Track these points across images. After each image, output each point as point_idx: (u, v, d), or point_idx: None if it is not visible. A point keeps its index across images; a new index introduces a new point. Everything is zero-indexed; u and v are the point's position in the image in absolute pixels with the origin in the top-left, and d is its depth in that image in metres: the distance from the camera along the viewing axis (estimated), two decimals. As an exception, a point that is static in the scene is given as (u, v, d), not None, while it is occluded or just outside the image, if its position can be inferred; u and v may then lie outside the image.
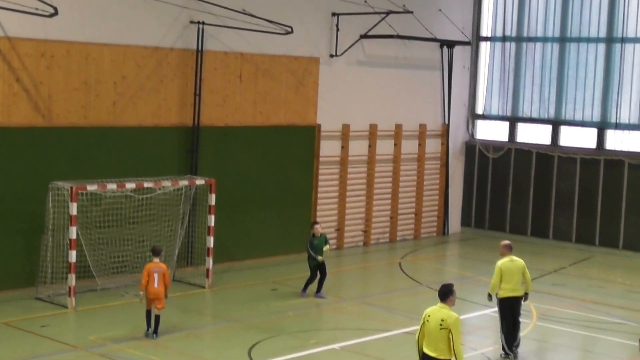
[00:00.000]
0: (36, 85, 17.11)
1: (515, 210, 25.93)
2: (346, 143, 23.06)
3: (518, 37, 25.85)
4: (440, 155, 25.81)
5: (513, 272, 14.07)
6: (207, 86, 19.74)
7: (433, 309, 10.50)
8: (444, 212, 26.04)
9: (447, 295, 10.47)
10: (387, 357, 14.09)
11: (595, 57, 24.49)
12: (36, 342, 14.28)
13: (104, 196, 17.22)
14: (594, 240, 24.55)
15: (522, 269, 14.20)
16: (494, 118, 26.46)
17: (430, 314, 10.45)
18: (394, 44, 23.78)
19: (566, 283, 20.21)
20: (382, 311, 17.14)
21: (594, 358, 15.02)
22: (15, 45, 16.77)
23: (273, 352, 14.11)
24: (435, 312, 10.44)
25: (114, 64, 18.17)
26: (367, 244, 23.87)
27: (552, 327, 16.36)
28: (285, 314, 16.55)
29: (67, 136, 17.64)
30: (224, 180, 19.44)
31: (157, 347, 14.16)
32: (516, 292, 14.11)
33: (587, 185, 24.61)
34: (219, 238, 18.66)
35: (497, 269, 14.14)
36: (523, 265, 14.26)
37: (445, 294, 10.48)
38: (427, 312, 10.54)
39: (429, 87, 25.24)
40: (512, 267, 14.13)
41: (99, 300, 16.89)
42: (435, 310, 10.46)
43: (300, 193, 21.99)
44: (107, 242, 17.62)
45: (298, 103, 21.74)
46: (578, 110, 24.85)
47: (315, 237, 17.93)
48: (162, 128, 19.13)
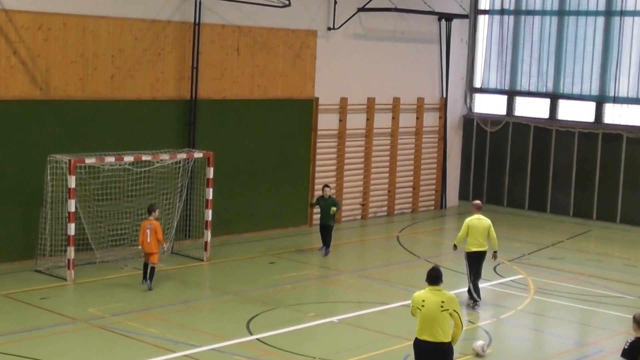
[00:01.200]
0: (33, 58, 17.03)
1: (513, 184, 25.96)
2: (344, 116, 23.03)
3: (516, 10, 25.74)
4: (438, 128, 25.79)
5: (479, 229, 15.47)
6: (204, 59, 19.66)
7: (425, 294, 10.00)
8: (441, 186, 26.07)
9: (439, 278, 10.04)
10: (385, 330, 14.16)
11: (594, 30, 24.41)
12: (36, 314, 14.33)
13: (102, 169, 17.20)
14: (591, 214, 24.60)
15: (487, 227, 15.55)
16: (492, 92, 26.42)
17: (425, 299, 9.93)
18: (392, 17, 23.68)
19: (564, 257, 20.29)
20: (380, 284, 17.21)
21: (592, 331, 15.11)
22: (12, 17, 16.67)
23: (271, 325, 14.17)
24: (429, 296, 9.93)
25: (111, 36, 18.09)
26: (365, 217, 23.91)
27: (550, 300, 16.44)
28: (284, 286, 16.61)
29: (64, 109, 17.60)
30: (222, 154, 19.43)
31: (155, 319, 14.23)
32: (481, 247, 15.51)
33: (585, 159, 24.63)
34: (217, 211, 18.68)
35: (465, 225, 15.63)
36: (489, 225, 15.60)
37: (437, 278, 10.03)
38: (418, 298, 10.00)
39: (427, 60, 25.16)
40: (478, 224, 15.52)
41: (97, 272, 16.93)
42: (429, 294, 9.94)
43: (298, 166, 21.99)
44: (106, 215, 17.63)
45: (296, 76, 21.68)
46: (576, 84, 24.81)
47: (323, 199, 19.06)
48: (160, 101, 19.08)
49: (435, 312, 9.88)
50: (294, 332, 13.94)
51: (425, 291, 10.05)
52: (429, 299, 9.95)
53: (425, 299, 9.96)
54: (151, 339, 13.21)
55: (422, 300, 9.96)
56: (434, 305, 9.90)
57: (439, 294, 9.98)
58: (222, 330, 13.89)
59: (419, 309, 9.95)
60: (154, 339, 13.22)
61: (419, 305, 9.97)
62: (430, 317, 9.89)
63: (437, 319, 9.88)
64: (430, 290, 10.02)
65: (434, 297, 9.95)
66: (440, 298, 9.94)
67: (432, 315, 9.88)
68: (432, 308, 9.89)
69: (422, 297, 10.01)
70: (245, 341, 13.33)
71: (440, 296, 9.96)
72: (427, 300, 9.94)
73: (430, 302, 9.92)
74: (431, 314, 9.89)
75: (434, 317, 9.88)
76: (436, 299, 9.93)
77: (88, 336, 13.43)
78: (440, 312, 9.87)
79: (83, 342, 13.21)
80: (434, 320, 9.88)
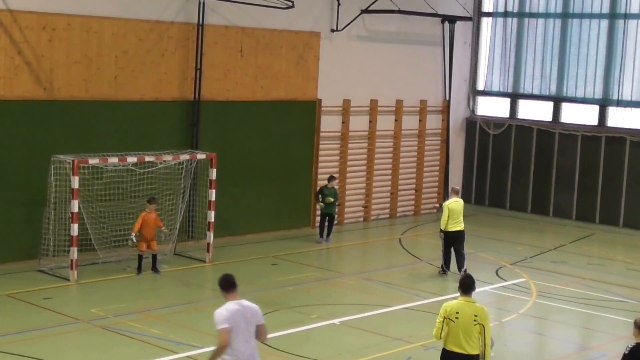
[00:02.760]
0: (38, 58, 17.06)
1: (516, 187, 25.96)
2: (347, 118, 23.03)
3: (520, 12, 25.73)
4: (441, 131, 25.79)
5: (457, 210, 17.56)
6: (207, 60, 19.67)
7: (459, 305, 9.70)
8: (444, 188, 26.06)
9: (472, 287, 9.82)
10: (387, 333, 14.17)
11: (598, 33, 24.39)
12: (39, 314, 14.35)
13: (105, 170, 17.22)
14: (594, 217, 24.59)
15: (462, 206, 17.76)
16: (495, 94, 26.42)
17: (459, 311, 9.65)
18: (395, 19, 23.69)
19: (566, 260, 20.27)
20: (382, 287, 17.21)
21: (594, 335, 15.11)
22: (16, 17, 16.70)
23: (273, 326, 14.11)
24: (463, 308, 9.67)
25: (115, 37, 18.11)
26: (367, 219, 23.91)
27: (552, 304, 16.44)
28: (286, 288, 16.62)
29: (68, 109, 17.62)
30: (224, 155, 19.45)
31: (157, 320, 14.24)
32: (459, 226, 17.62)
33: (588, 163, 24.61)
34: (219, 212, 18.70)
35: (446, 208, 17.53)
36: (462, 204, 17.88)
37: (470, 286, 9.81)
38: (451, 309, 9.70)
39: (430, 62, 25.17)
40: (456, 206, 17.59)
41: (100, 273, 16.96)
42: (463, 306, 9.69)
43: (300, 168, 22.00)
44: (109, 216, 17.66)
45: (299, 78, 21.69)
46: (580, 87, 24.80)
47: (327, 188, 20.59)
48: (163, 102, 19.10)
49: (468, 325, 9.68)
50: (296, 334, 13.95)
51: (458, 302, 9.79)
52: (463, 311, 9.71)
53: (460, 310, 9.70)
54: (153, 339, 13.23)
55: (456, 312, 9.69)
56: (468, 319, 9.68)
57: (472, 307, 9.75)
58: (224, 331, 13.86)
59: (452, 321, 9.69)
60: (156, 339, 13.24)
61: (453, 316, 9.69)
62: (462, 329, 9.69)
63: (469, 332, 9.68)
64: (464, 302, 9.77)
65: (468, 309, 9.72)
66: (474, 311, 9.72)
67: (465, 328, 9.68)
68: (466, 321, 9.68)
69: (456, 308, 9.73)
70: (248, 343, 13.32)
71: (473, 309, 9.73)
72: (461, 313, 9.69)
73: (465, 315, 9.69)
74: (464, 327, 9.69)
75: (465, 329, 9.68)
76: (470, 312, 9.70)
77: (90, 336, 13.45)
78: (473, 325, 9.68)
79: (85, 342, 13.23)
80: (465, 333, 9.69)
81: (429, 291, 16.87)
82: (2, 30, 16.54)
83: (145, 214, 16.93)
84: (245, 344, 8.81)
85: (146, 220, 16.89)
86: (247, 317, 8.91)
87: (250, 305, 9.03)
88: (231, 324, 8.74)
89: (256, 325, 8.96)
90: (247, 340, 8.85)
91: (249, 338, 8.88)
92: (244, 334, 8.83)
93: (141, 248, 16.99)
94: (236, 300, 9.01)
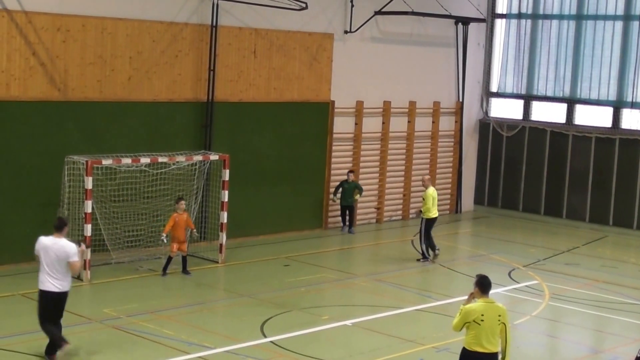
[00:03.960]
0: (52, 59, 17.16)
1: (529, 188, 25.88)
2: (360, 120, 23.04)
3: (534, 14, 25.66)
4: (454, 133, 25.76)
5: (436, 198, 19.21)
6: (221, 61, 19.73)
7: (482, 307, 9.78)
8: (457, 190, 26.04)
9: (490, 286, 9.94)
10: (399, 334, 14.16)
11: (612, 35, 24.28)
12: (51, 314, 14.39)
13: (118, 171, 17.31)
14: (607, 220, 24.48)
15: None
16: (509, 96, 26.35)
17: (484, 313, 9.75)
18: (409, 21, 23.68)
19: (579, 263, 20.21)
20: (394, 288, 17.21)
21: (607, 338, 15.05)
22: (31, 19, 16.80)
23: (285, 327, 14.21)
24: (488, 309, 9.78)
25: (129, 38, 18.19)
26: (379, 221, 23.91)
27: (565, 306, 16.39)
28: (298, 289, 16.64)
29: (82, 110, 17.71)
30: (237, 156, 19.50)
31: (170, 320, 14.29)
32: (437, 212, 19.34)
33: (602, 165, 24.51)
34: (232, 213, 18.74)
35: (430, 196, 19.00)
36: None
37: (489, 286, 9.92)
38: (476, 312, 9.77)
39: (443, 64, 25.15)
40: (435, 194, 19.31)
41: (113, 273, 17.03)
42: (486, 307, 9.80)
43: (313, 169, 22.02)
44: (122, 217, 17.74)
45: (312, 79, 21.72)
46: (594, 89, 24.69)
47: (347, 182, 21.72)
48: (176, 103, 19.17)
49: (493, 325, 9.80)
50: (308, 335, 13.97)
51: (480, 304, 9.85)
52: (487, 312, 9.80)
53: (485, 312, 9.79)
54: (165, 340, 13.28)
55: (482, 314, 9.77)
56: (493, 319, 9.80)
57: (494, 307, 9.88)
58: (236, 332, 13.94)
59: (478, 323, 9.75)
60: (169, 340, 13.29)
61: (478, 319, 9.76)
62: (488, 330, 9.78)
63: (493, 332, 9.82)
64: (486, 303, 9.87)
65: (491, 310, 9.84)
66: (497, 312, 9.86)
67: (490, 328, 9.79)
68: (492, 322, 9.79)
69: (480, 310, 9.80)
70: (259, 343, 13.37)
71: (496, 309, 9.87)
72: (486, 314, 9.78)
73: (490, 316, 9.79)
74: (490, 328, 9.78)
75: (491, 330, 9.79)
76: (494, 313, 9.83)
77: (103, 336, 13.52)
78: (497, 325, 9.83)
79: (98, 342, 13.28)
80: (490, 333, 9.80)
81: (440, 293, 16.86)
82: (17, 32, 16.65)
83: (176, 215, 16.91)
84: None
85: (177, 222, 16.87)
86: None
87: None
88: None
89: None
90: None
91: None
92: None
93: (172, 250, 17.00)
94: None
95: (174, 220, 16.88)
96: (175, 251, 17.01)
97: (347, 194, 21.91)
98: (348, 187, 21.86)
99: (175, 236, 16.93)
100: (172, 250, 17.02)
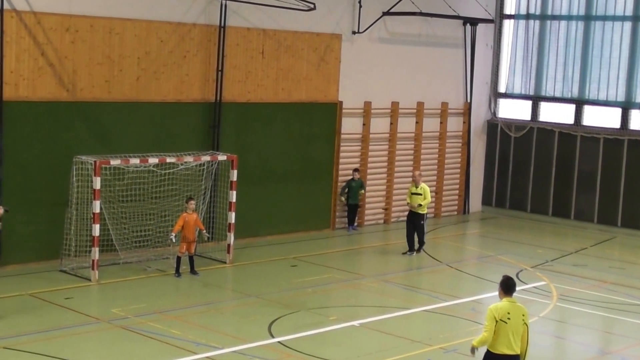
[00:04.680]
0: (61, 59, 17.21)
1: (537, 189, 25.82)
2: (368, 120, 23.04)
3: (542, 15, 25.60)
4: (462, 133, 25.74)
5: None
6: (229, 62, 19.76)
7: (508, 306, 9.81)
8: (465, 191, 26.01)
9: (515, 288, 9.98)
10: (407, 335, 14.16)
11: (621, 35, 24.21)
12: (60, 313, 14.47)
13: (127, 171, 17.34)
14: (616, 221, 24.41)
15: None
16: (517, 97, 26.30)
17: (510, 312, 9.76)
18: (417, 21, 23.66)
19: (587, 264, 20.17)
20: (401, 289, 17.20)
21: (615, 339, 15.01)
22: (40, 19, 16.85)
23: (293, 328, 14.22)
24: (513, 309, 9.80)
25: (137, 39, 18.23)
26: (387, 222, 23.90)
27: (572, 307, 16.36)
28: (305, 290, 16.65)
29: (90, 111, 17.76)
30: (245, 156, 19.52)
31: (177, 320, 14.31)
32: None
33: (610, 166, 24.44)
34: (240, 214, 18.76)
35: (427, 191, 19.99)
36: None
37: (513, 287, 9.95)
38: (502, 311, 9.77)
39: (451, 65, 25.12)
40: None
41: (121, 273, 17.07)
42: (512, 307, 9.82)
43: (321, 170, 22.03)
44: (130, 217, 17.77)
45: (320, 80, 21.73)
46: (602, 90, 24.62)
47: (354, 180, 22.00)
48: (184, 103, 19.19)
49: (518, 325, 9.80)
50: (315, 336, 13.98)
51: (505, 303, 9.86)
52: (513, 311, 9.81)
53: (510, 311, 9.79)
54: (173, 340, 13.30)
55: (508, 313, 9.76)
56: (518, 319, 9.81)
57: (518, 307, 9.90)
58: (243, 332, 13.95)
59: (505, 322, 9.73)
60: (176, 340, 13.31)
61: (505, 318, 9.74)
62: (514, 330, 9.77)
63: (518, 332, 9.81)
64: (510, 303, 9.87)
65: (516, 310, 9.85)
66: (521, 311, 9.88)
67: (515, 328, 9.78)
68: (517, 321, 9.80)
69: (506, 309, 9.80)
70: (267, 344, 13.38)
71: (520, 309, 9.89)
72: (512, 313, 9.78)
73: (515, 315, 9.80)
74: (515, 327, 9.77)
75: (516, 330, 9.78)
76: (519, 312, 9.85)
77: (111, 336, 13.55)
78: (521, 325, 9.83)
79: (106, 342, 13.32)
80: (515, 333, 9.79)
81: (448, 294, 16.84)
82: (25, 32, 16.70)
83: (185, 215, 16.96)
84: None
85: (187, 222, 16.92)
86: None
87: None
88: None
89: None
90: None
91: None
92: None
93: (181, 250, 17.05)
94: None
95: (184, 219, 16.91)
96: (183, 251, 17.03)
97: (354, 192, 22.14)
98: (355, 185, 22.09)
99: (184, 236, 16.97)
100: (181, 250, 17.05)
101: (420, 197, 19.84)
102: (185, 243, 17.00)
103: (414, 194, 19.95)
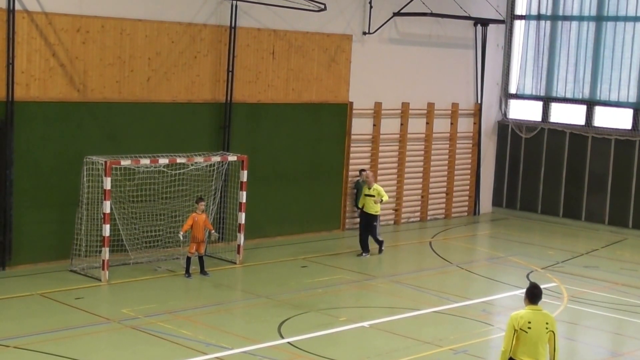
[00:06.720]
0: (72, 60, 17.25)
1: (548, 190, 25.75)
2: (378, 121, 23.01)
3: (553, 15, 25.53)
4: (473, 134, 25.68)
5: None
6: (239, 63, 19.77)
7: (529, 314, 9.60)
8: (475, 192, 25.95)
9: (540, 296, 9.78)
10: (417, 336, 14.13)
11: (633, 36, 24.11)
12: (70, 313, 14.50)
13: (137, 171, 17.37)
14: (627, 222, 24.32)
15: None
16: (528, 98, 26.23)
17: (531, 320, 9.57)
18: (428, 22, 23.63)
19: (598, 265, 20.09)
20: (412, 290, 17.17)
21: (626, 341, 14.95)
22: (51, 20, 16.90)
23: (303, 328, 14.21)
24: (536, 317, 9.60)
25: (148, 39, 18.26)
26: (397, 222, 23.87)
27: (583, 309, 16.30)
28: (315, 290, 16.64)
29: (101, 111, 17.80)
30: (256, 157, 19.53)
31: (187, 321, 14.33)
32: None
33: (621, 167, 24.35)
34: (250, 214, 18.77)
35: (382, 190, 19.67)
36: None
37: (539, 296, 9.77)
38: (523, 320, 9.59)
39: (462, 65, 25.07)
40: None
41: (131, 274, 17.10)
42: (534, 315, 9.62)
43: (331, 171, 22.02)
44: (140, 217, 17.80)
45: (330, 80, 21.72)
46: (613, 91, 24.54)
47: (363, 181, 21.07)
48: (195, 104, 19.22)
49: (541, 333, 9.63)
50: (325, 336, 13.97)
51: (527, 311, 9.70)
52: (535, 319, 9.64)
53: (532, 320, 9.62)
54: (183, 340, 13.32)
55: (529, 322, 9.61)
56: (540, 327, 9.63)
57: (542, 315, 9.71)
58: (253, 333, 13.95)
59: (525, 332, 9.60)
60: (186, 340, 13.32)
61: (525, 327, 9.60)
62: (536, 339, 9.62)
63: (542, 341, 9.64)
64: (533, 311, 9.70)
65: (540, 318, 9.67)
66: (545, 319, 9.69)
67: (538, 336, 9.63)
68: (540, 330, 9.62)
69: (527, 318, 9.63)
70: (277, 344, 13.38)
71: (544, 317, 9.71)
72: (533, 322, 9.62)
73: (537, 324, 9.63)
74: (537, 336, 9.62)
75: (539, 338, 9.63)
76: (542, 320, 9.66)
77: (121, 336, 13.57)
78: (545, 333, 9.65)
79: (116, 343, 13.35)
80: (539, 342, 9.64)
81: (458, 295, 16.81)
82: (37, 33, 16.75)
83: (195, 215, 16.97)
84: None
85: (196, 222, 16.93)
86: None
87: None
88: None
89: None
90: None
91: None
92: None
93: (190, 250, 17.08)
94: None
95: (193, 219, 16.93)
96: (193, 252, 17.06)
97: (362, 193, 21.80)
98: (363, 185, 21.69)
99: (193, 236, 17.00)
100: (191, 250, 17.06)
101: (374, 198, 19.51)
102: (195, 243, 17.03)
103: (367, 195, 19.60)
